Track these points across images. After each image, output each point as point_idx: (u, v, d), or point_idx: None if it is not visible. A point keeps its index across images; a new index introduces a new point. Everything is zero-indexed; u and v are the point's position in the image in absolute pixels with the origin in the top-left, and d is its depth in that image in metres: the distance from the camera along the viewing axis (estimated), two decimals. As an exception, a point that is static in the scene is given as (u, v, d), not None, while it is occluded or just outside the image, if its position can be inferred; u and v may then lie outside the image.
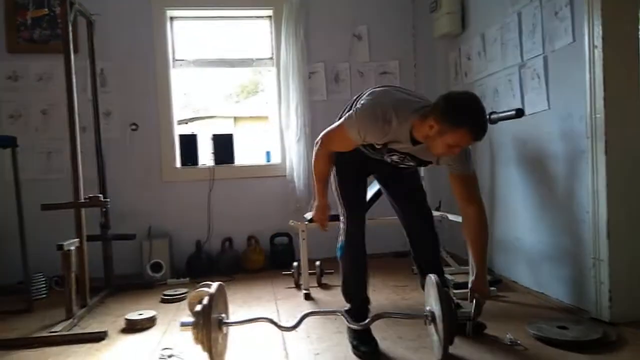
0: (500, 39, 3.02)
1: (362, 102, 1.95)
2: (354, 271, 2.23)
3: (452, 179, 2.02)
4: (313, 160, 2.13)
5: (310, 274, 3.03)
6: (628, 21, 2.25)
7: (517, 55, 2.85)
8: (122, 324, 2.51)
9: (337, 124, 2.03)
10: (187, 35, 3.94)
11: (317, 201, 2.21)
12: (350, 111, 1.98)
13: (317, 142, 2.10)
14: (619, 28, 2.22)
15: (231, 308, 2.58)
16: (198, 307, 1.85)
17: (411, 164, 2.08)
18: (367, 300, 2.25)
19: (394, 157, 2.05)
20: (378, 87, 2.07)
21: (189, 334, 1.85)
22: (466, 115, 1.73)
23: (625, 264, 2.24)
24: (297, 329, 2.04)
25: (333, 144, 2.04)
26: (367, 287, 2.26)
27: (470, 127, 1.73)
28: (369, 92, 2.01)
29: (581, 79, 2.32)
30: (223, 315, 1.97)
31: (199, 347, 1.84)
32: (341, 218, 2.24)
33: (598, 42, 2.23)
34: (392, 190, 2.35)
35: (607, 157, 2.22)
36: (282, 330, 2.06)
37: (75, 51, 2.92)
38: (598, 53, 2.23)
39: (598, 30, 2.23)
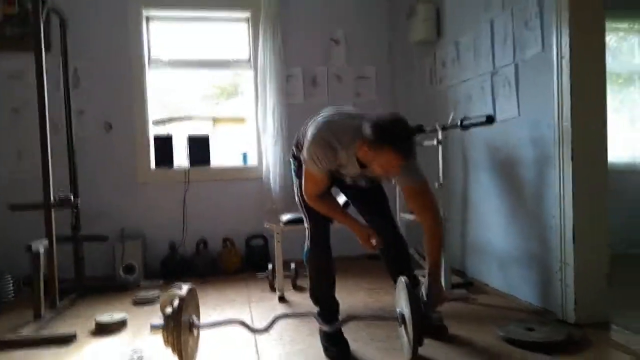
0: (473, 47, 3.08)
1: (307, 137, 2.02)
2: (321, 274, 2.25)
3: (403, 192, 2.08)
4: (320, 210, 2.13)
5: (285, 276, 3.03)
6: (595, 32, 2.32)
7: (489, 62, 2.91)
8: (92, 326, 2.47)
9: (303, 173, 2.09)
10: (164, 36, 3.92)
11: (356, 231, 2.16)
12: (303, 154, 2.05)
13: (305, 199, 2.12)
14: (586, 38, 2.29)
15: (204, 311, 2.57)
16: (168, 310, 1.84)
17: (363, 183, 2.16)
18: (335, 303, 2.27)
19: (347, 180, 2.14)
20: (323, 113, 2.10)
21: (159, 337, 1.84)
22: (387, 136, 1.79)
23: (590, 267, 2.31)
24: (270, 332, 2.05)
25: (313, 189, 2.07)
26: (334, 290, 2.27)
27: (392, 147, 1.79)
28: (311, 123, 2.07)
29: (550, 87, 2.39)
30: (194, 317, 1.97)
31: (169, 350, 1.83)
32: (305, 224, 2.26)
33: (565, 51, 2.30)
34: (353, 195, 2.38)
35: (574, 164, 2.29)
36: (254, 333, 2.06)
37: (48, 49, 2.88)
38: (565, 62, 2.30)
39: (566, 40, 2.29)
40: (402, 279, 1.94)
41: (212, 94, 4.25)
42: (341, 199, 2.67)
